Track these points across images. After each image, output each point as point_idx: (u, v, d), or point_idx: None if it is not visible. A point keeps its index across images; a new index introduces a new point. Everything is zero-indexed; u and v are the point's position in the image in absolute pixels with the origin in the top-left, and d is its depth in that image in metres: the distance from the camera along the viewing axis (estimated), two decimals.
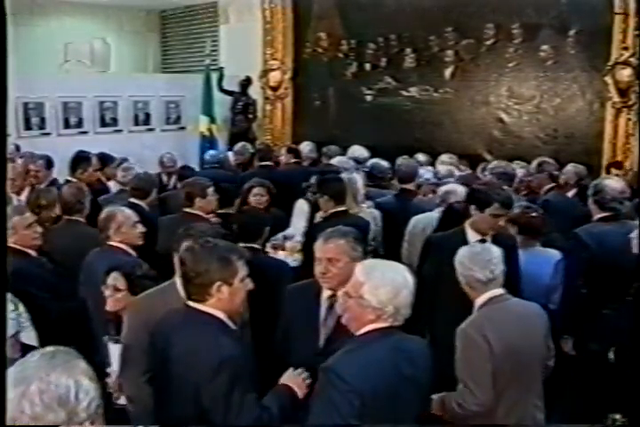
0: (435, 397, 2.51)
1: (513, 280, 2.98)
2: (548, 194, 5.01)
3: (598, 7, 6.07)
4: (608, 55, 6.09)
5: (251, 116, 8.45)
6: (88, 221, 3.97)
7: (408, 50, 7.44)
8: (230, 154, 7.05)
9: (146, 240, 3.53)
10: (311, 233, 3.85)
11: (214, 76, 8.16)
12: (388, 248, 4.36)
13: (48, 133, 7.21)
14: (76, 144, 6.25)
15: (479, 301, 2.63)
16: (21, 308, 2.97)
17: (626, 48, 5.97)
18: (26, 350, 2.55)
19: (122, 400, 2.58)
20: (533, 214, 3.64)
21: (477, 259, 2.61)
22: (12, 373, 1.34)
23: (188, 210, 4.10)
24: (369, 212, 4.43)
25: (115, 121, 7.76)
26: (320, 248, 2.54)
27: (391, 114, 7.60)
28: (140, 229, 3.43)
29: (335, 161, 5.88)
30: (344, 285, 2.42)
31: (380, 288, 2.02)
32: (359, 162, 6.01)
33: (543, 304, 3.00)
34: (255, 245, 3.43)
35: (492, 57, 6.91)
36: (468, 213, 3.34)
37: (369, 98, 7.83)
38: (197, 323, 2.12)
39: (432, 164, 6.21)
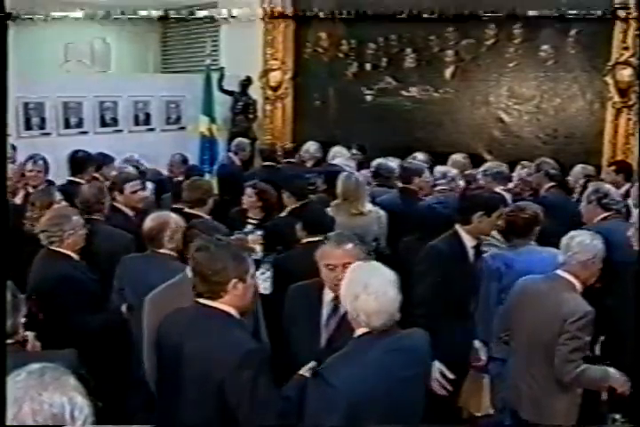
0: None
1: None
2: (547, 193, 5.03)
3: (598, 7, 6.08)
4: (608, 55, 6.10)
5: (251, 116, 8.45)
6: None
7: (408, 50, 7.45)
8: (232, 154, 7.05)
9: None
10: (270, 227, 4.04)
11: (214, 76, 8.15)
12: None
13: (48, 133, 7.20)
14: (76, 144, 6.23)
15: None
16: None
17: (626, 48, 5.97)
18: None
19: None
20: (522, 215, 3.64)
21: (564, 243, 2.97)
22: None
23: (192, 211, 4.07)
24: (375, 211, 4.43)
25: (115, 121, 7.74)
26: (333, 254, 2.51)
27: (391, 114, 7.60)
28: None
29: (337, 161, 5.88)
30: None
31: (346, 297, 2.07)
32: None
33: None
34: (320, 238, 3.46)
35: (493, 57, 6.92)
36: None
37: (369, 98, 7.83)
38: (211, 320, 2.14)
39: (433, 163, 6.18)
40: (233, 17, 7.78)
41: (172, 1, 9.54)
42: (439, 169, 5.32)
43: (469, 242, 3.31)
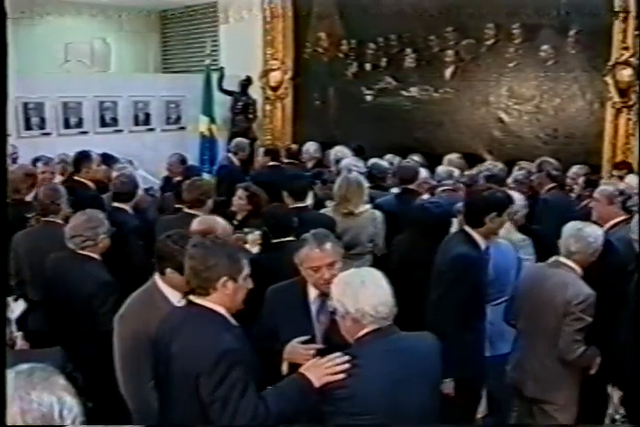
0: None
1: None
2: (547, 193, 5.02)
3: (598, 7, 6.07)
4: (608, 55, 6.09)
5: (251, 116, 8.46)
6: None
7: (408, 50, 7.44)
8: (231, 154, 7.05)
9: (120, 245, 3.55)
10: None
11: (214, 76, 8.16)
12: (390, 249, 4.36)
13: (48, 133, 7.22)
14: (76, 144, 6.25)
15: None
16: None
17: (626, 48, 5.96)
18: None
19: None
20: None
21: (573, 233, 3.11)
22: None
23: (191, 211, 4.07)
24: (371, 212, 4.43)
25: (115, 121, 7.76)
26: (315, 257, 2.53)
27: (391, 114, 7.59)
28: None
29: (346, 162, 5.83)
30: None
31: (346, 303, 2.07)
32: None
33: None
34: (290, 238, 3.51)
35: (493, 57, 6.90)
36: None
37: (369, 98, 7.83)
38: (199, 318, 2.15)
39: (430, 164, 6.16)
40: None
41: (173, 0, 9.57)
42: (443, 169, 5.29)
43: (482, 244, 3.23)
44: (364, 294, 2.04)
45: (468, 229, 3.24)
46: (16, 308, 2.99)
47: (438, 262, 3.29)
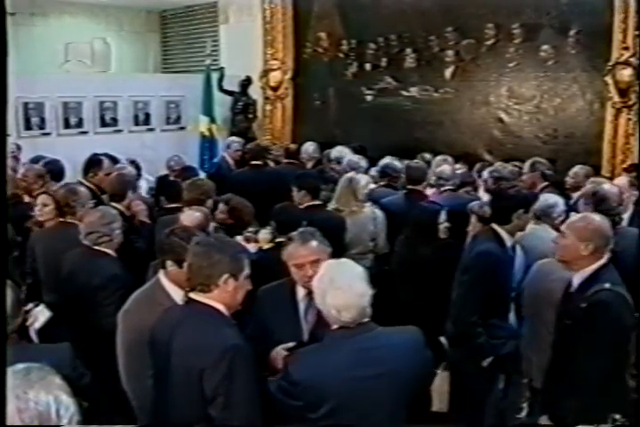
0: None
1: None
2: (542, 192, 5.01)
3: (598, 7, 6.07)
4: (608, 55, 6.09)
5: (251, 116, 8.46)
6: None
7: (408, 50, 7.44)
8: (226, 154, 7.06)
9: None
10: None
11: (214, 76, 8.16)
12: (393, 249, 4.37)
13: (48, 133, 7.21)
14: (76, 144, 6.26)
15: None
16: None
17: (626, 48, 5.96)
18: None
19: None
20: None
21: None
22: None
23: None
24: (370, 211, 4.43)
25: (115, 121, 7.75)
26: (299, 254, 2.59)
27: (391, 114, 7.59)
28: None
29: (345, 161, 5.81)
30: None
31: (317, 295, 2.13)
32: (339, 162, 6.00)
33: None
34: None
35: (493, 57, 6.90)
36: None
37: (369, 98, 7.83)
38: (200, 315, 2.18)
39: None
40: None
41: (173, 0, 9.58)
42: (447, 168, 5.30)
43: (509, 242, 3.34)
44: (330, 294, 2.08)
45: (495, 226, 3.35)
46: (40, 315, 2.95)
47: (463, 260, 3.38)
